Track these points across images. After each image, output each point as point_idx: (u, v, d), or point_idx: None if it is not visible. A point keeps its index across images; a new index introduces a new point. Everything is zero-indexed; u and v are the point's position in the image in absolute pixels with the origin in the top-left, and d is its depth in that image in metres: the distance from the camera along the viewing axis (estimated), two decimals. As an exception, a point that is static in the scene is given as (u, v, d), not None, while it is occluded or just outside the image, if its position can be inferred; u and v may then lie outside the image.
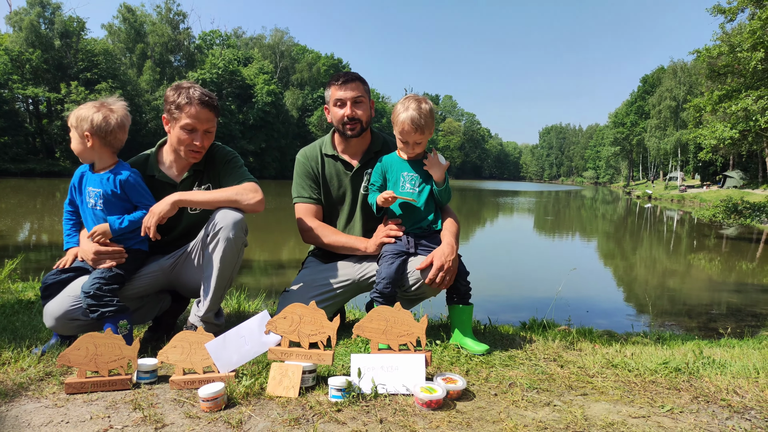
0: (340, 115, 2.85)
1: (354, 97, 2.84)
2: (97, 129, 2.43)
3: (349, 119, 2.84)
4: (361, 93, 2.87)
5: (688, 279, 11.55)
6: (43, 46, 52.34)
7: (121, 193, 2.48)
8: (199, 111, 2.55)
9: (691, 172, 63.61)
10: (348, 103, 2.84)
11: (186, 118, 2.55)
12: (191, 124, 2.56)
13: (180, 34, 65.07)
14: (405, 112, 2.63)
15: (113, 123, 2.46)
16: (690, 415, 1.91)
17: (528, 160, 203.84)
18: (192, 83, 2.62)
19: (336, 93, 2.86)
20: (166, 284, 2.73)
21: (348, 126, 2.85)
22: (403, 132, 2.65)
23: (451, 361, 2.41)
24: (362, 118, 2.86)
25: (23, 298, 3.77)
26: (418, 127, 2.63)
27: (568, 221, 27.13)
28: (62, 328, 2.44)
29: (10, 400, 1.91)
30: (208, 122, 2.60)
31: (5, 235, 13.17)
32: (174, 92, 2.57)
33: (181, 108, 2.55)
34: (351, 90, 2.84)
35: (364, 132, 2.92)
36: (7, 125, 48.54)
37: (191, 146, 2.60)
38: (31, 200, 24.62)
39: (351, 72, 2.91)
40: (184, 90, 2.56)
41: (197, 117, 2.55)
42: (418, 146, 2.72)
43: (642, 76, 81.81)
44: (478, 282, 2.76)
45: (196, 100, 2.54)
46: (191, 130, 2.57)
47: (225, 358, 2.12)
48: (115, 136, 2.48)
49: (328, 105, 2.96)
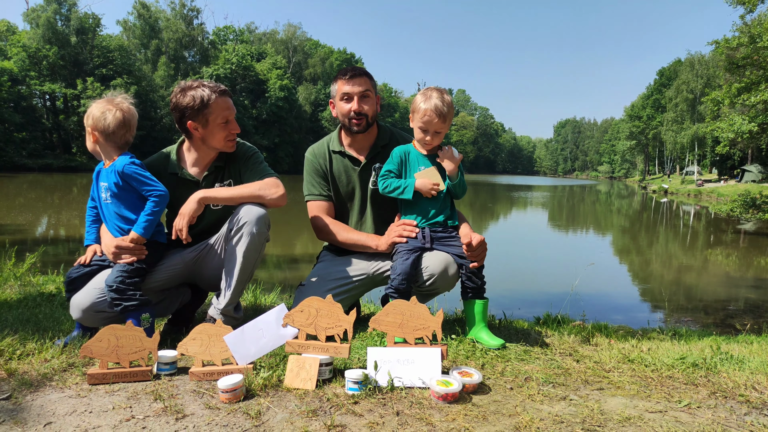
0: (347, 110, 2.84)
1: (361, 92, 2.83)
2: (99, 126, 2.48)
3: (355, 114, 2.83)
4: (368, 87, 2.86)
5: (705, 274, 11.42)
6: (60, 43, 53.03)
7: (123, 184, 2.50)
8: (226, 101, 2.63)
9: (708, 166, 62.74)
10: (355, 98, 2.82)
11: (219, 113, 2.60)
12: (226, 115, 2.62)
13: (194, 29, 65.38)
14: (428, 100, 2.65)
15: (111, 121, 2.48)
16: (707, 411, 1.91)
17: (542, 154, 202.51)
18: (194, 80, 2.67)
19: (343, 87, 2.84)
20: (188, 277, 2.77)
21: (354, 121, 2.84)
22: (426, 120, 2.66)
23: (467, 355, 2.42)
24: (368, 112, 2.85)
25: (45, 291, 3.84)
26: (441, 115, 2.64)
27: (582, 216, 26.94)
28: (88, 320, 2.49)
29: (35, 390, 1.96)
30: (234, 109, 2.69)
31: (25, 229, 13.39)
32: (186, 97, 2.56)
33: (209, 106, 2.57)
34: (358, 85, 2.83)
35: (369, 127, 2.92)
36: (25, 121, 49.33)
37: (230, 136, 2.68)
38: (49, 195, 24.99)
39: (358, 67, 2.91)
40: (199, 89, 2.56)
41: (228, 107, 2.63)
42: (437, 137, 2.72)
43: (658, 69, 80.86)
44: (492, 277, 2.77)
45: (218, 94, 2.59)
46: (227, 122, 2.64)
47: (243, 350, 2.15)
48: (116, 133, 2.50)
49: (333, 99, 2.95)
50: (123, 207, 2.53)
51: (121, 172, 2.48)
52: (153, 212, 2.50)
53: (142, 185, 2.50)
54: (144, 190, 2.50)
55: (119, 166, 2.49)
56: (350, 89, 2.83)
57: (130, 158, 2.53)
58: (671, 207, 34.08)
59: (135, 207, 2.54)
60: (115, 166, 2.50)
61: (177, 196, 2.67)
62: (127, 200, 2.53)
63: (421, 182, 2.70)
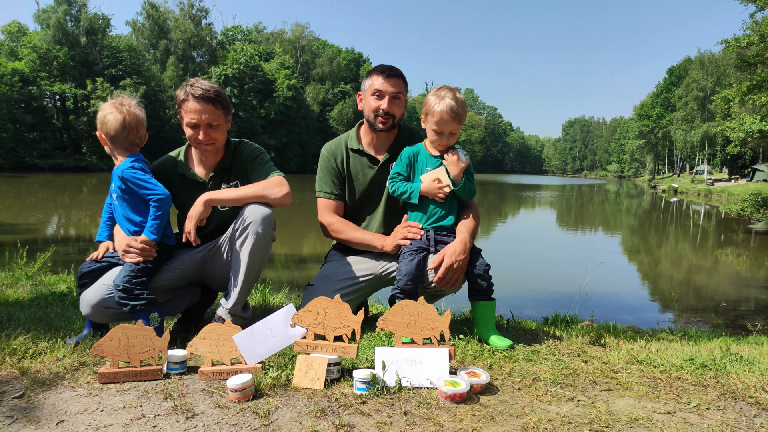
0: (375, 106, 2.83)
1: (394, 93, 2.83)
2: (103, 129, 2.51)
3: (384, 113, 2.82)
4: (401, 90, 2.85)
5: (715, 275, 11.33)
6: (70, 43, 53.54)
7: (126, 187, 2.51)
8: (196, 106, 2.56)
9: (718, 165, 62.22)
10: (387, 97, 2.81)
11: (186, 115, 2.59)
12: (192, 121, 2.58)
13: (202, 30, 65.62)
14: (441, 101, 2.63)
15: (112, 124, 2.48)
16: (717, 412, 1.90)
17: (550, 153, 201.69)
18: (198, 79, 2.65)
19: (377, 84, 2.83)
20: (196, 277, 2.79)
21: (380, 119, 2.84)
22: (441, 122, 2.64)
23: (475, 356, 2.42)
24: (396, 114, 2.86)
25: (56, 290, 3.88)
26: (456, 116, 2.63)
27: (591, 215, 26.81)
28: (98, 316, 2.52)
29: (47, 389, 1.98)
30: (208, 116, 2.58)
31: (36, 229, 13.51)
32: (178, 91, 2.63)
33: (181, 105, 2.60)
34: (393, 85, 2.82)
35: (393, 129, 2.92)
36: (36, 121, 49.84)
37: (197, 141, 2.63)
38: (60, 195, 25.20)
39: (395, 67, 2.88)
40: (187, 87, 2.60)
41: (195, 112, 2.57)
42: (452, 137, 2.71)
43: (668, 68, 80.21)
44: (500, 277, 2.76)
45: (192, 95, 2.56)
46: (194, 125, 2.60)
47: (252, 350, 2.16)
48: (119, 135, 2.50)
49: (363, 93, 2.93)
50: (128, 209, 2.55)
51: (121, 176, 2.49)
52: (157, 216, 2.50)
53: (141, 189, 2.49)
54: (144, 193, 2.50)
55: (119, 169, 2.51)
56: (384, 87, 2.82)
57: (131, 161, 2.52)
58: (681, 206, 33.84)
59: (139, 209, 2.55)
60: (118, 170, 2.52)
61: (185, 197, 2.69)
62: (131, 202, 2.55)
63: (426, 187, 2.70)
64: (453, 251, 2.57)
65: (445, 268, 2.54)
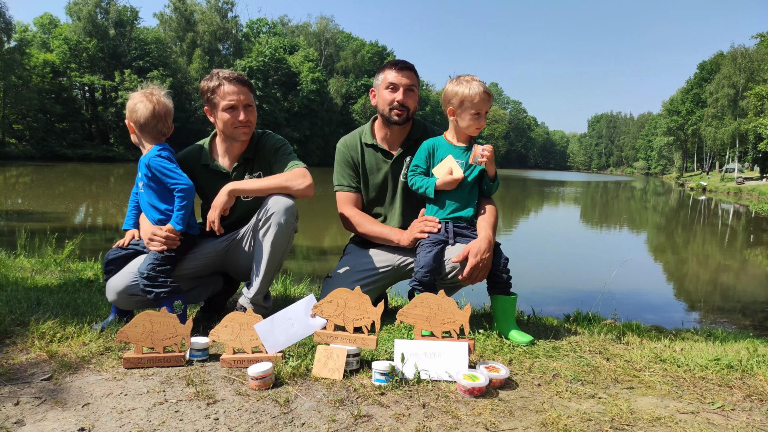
0: (390, 99, 2.85)
1: (408, 85, 2.85)
2: (132, 118, 2.57)
3: (399, 104, 2.84)
4: (414, 83, 2.88)
5: (743, 275, 11.07)
6: (99, 35, 54.54)
7: (152, 175, 2.56)
8: (233, 88, 2.66)
9: (749, 163, 60.64)
10: (401, 89, 2.84)
11: (223, 99, 2.66)
12: (230, 103, 2.66)
13: (228, 22, 66.16)
14: (470, 85, 2.68)
15: (143, 112, 2.54)
16: (742, 413, 1.86)
17: (575, 149, 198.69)
18: (220, 69, 2.74)
19: (391, 77, 2.86)
20: (219, 266, 2.83)
21: (396, 111, 2.85)
22: (480, 103, 2.67)
23: (494, 350, 2.41)
24: (411, 106, 2.88)
25: (83, 277, 3.97)
26: (489, 95, 2.70)
27: (617, 213, 26.40)
28: (123, 303, 2.58)
29: (73, 372, 2.03)
30: (244, 96, 2.69)
31: (64, 217, 13.83)
32: (206, 81, 2.72)
33: (215, 91, 2.67)
34: (406, 78, 2.86)
35: (408, 121, 2.94)
36: (66, 112, 50.97)
37: (236, 123, 2.69)
38: (88, 184, 25.73)
39: (407, 61, 2.92)
40: (214, 75, 2.70)
41: (233, 93, 2.66)
42: (484, 119, 2.75)
43: (699, 63, 78.38)
44: (522, 273, 2.74)
45: (226, 79, 2.66)
46: (232, 107, 2.67)
47: (273, 339, 2.18)
48: (148, 124, 2.56)
49: (376, 88, 2.96)
50: (154, 197, 2.60)
51: (148, 164, 2.54)
52: (182, 206, 2.54)
53: (167, 178, 2.54)
54: (169, 182, 2.54)
55: (147, 158, 2.55)
56: (398, 80, 2.85)
57: (158, 150, 2.56)
58: (709, 205, 33.10)
59: (165, 197, 2.60)
60: (145, 158, 2.56)
61: (209, 188, 2.73)
62: (157, 190, 2.60)
63: (441, 181, 2.70)
64: (478, 250, 2.56)
65: (470, 268, 2.54)
